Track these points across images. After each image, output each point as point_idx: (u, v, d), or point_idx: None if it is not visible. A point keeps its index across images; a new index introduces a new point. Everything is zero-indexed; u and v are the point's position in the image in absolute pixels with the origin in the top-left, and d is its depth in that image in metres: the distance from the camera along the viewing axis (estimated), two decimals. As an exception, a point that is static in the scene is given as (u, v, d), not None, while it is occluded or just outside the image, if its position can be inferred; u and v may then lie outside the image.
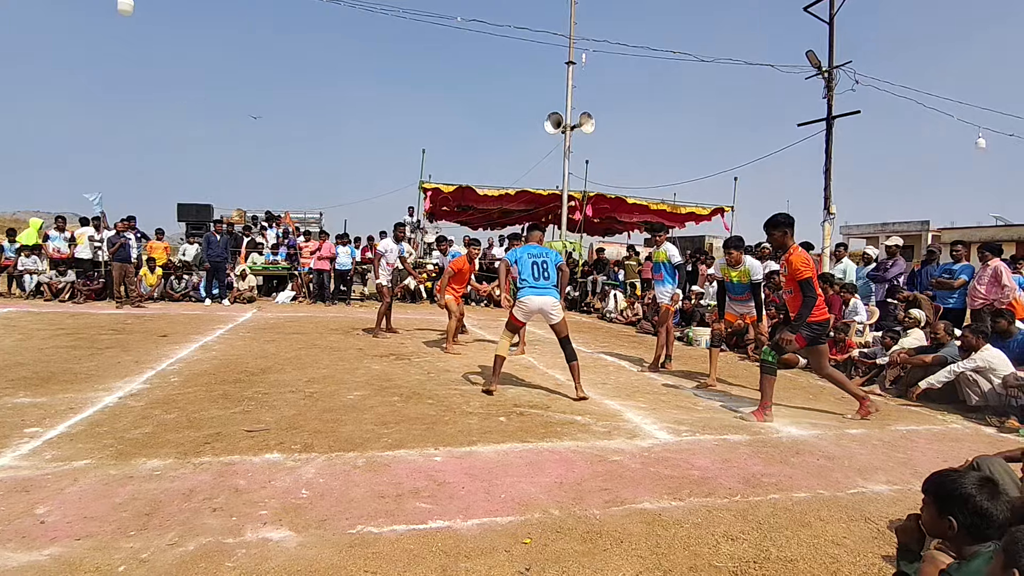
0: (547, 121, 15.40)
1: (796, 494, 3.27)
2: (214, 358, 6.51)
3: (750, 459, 3.84)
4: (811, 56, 12.92)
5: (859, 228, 37.93)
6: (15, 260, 12.83)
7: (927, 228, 34.10)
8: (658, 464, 3.66)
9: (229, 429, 3.96)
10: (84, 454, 3.40)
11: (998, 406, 5.24)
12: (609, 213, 18.02)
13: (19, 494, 2.84)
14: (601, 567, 2.38)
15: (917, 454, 4.15)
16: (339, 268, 13.99)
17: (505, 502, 2.98)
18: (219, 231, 13.47)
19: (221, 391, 5.00)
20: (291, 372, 5.88)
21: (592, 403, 5.18)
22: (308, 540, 2.50)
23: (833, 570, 2.45)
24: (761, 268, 6.67)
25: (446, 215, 19.57)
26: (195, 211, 16.49)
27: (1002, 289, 7.07)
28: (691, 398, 5.60)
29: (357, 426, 4.15)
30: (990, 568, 1.56)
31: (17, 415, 4.11)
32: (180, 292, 13.29)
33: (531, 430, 4.25)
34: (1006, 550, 1.48)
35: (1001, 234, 28.55)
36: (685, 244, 22.13)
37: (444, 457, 3.61)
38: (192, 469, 3.24)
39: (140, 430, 3.88)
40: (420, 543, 2.51)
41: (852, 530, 2.85)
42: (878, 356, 6.77)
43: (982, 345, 5.42)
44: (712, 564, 2.45)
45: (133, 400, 4.64)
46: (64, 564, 2.24)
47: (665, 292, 7.09)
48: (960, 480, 1.87)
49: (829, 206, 12.80)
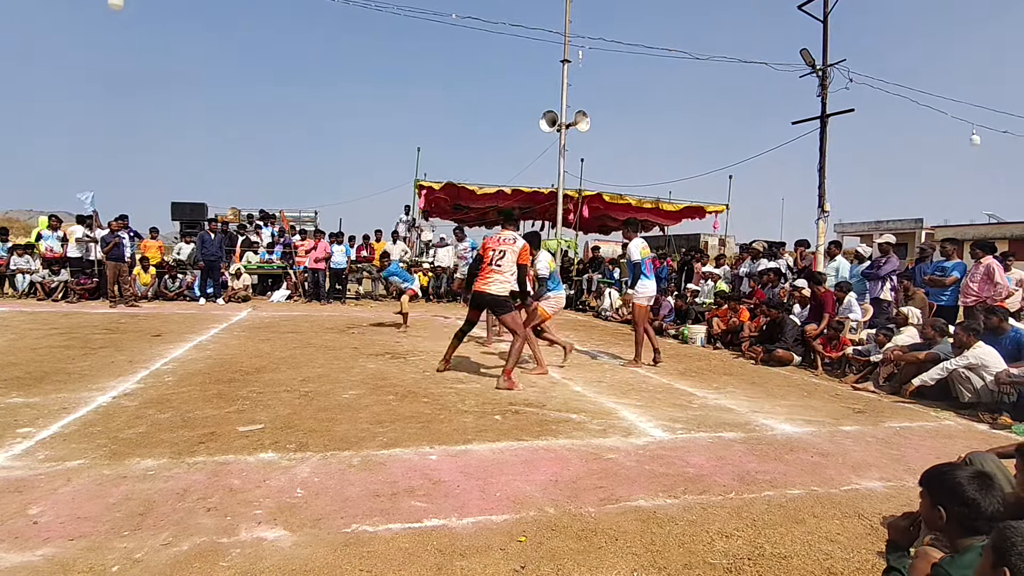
0: (542, 119, 15.38)
1: (790, 491, 3.29)
2: (208, 357, 6.49)
3: (744, 456, 3.85)
4: (805, 54, 12.95)
5: (853, 226, 38.14)
6: (7, 259, 12.75)
7: (921, 226, 34.33)
8: (653, 462, 3.67)
9: (223, 428, 3.94)
10: (77, 454, 3.38)
11: (991, 403, 5.28)
12: (603, 212, 18.03)
13: (12, 494, 2.83)
14: (596, 565, 2.39)
15: (910, 451, 4.18)
16: (334, 267, 13.96)
17: (500, 500, 2.98)
18: (213, 230, 13.41)
19: (215, 390, 4.99)
20: (286, 371, 5.87)
21: (587, 401, 5.19)
22: (303, 539, 2.50)
23: (827, 566, 2.46)
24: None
25: (441, 213, 19.54)
26: (189, 210, 16.41)
27: (994, 287, 7.11)
28: (686, 395, 5.62)
29: (352, 425, 4.14)
30: (979, 566, 1.52)
31: (10, 415, 4.08)
32: (174, 291, 13.24)
33: (526, 428, 4.25)
34: (995, 547, 1.45)
35: (994, 231, 28.75)
36: (680, 243, 22.20)
37: (439, 456, 3.61)
38: (186, 469, 3.23)
39: (134, 430, 3.86)
40: (415, 542, 2.51)
41: (846, 527, 2.86)
42: (872, 353, 6.80)
43: (974, 342, 5.45)
44: (707, 561, 2.46)
45: (127, 400, 4.62)
46: (57, 564, 2.23)
47: (635, 291, 7.10)
48: (953, 472, 1.89)
49: (823, 204, 12.82)
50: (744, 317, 9.01)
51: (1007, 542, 1.42)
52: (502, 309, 5.81)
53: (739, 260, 12.32)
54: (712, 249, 21.87)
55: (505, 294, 5.77)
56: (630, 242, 7.15)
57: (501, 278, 5.73)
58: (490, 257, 5.82)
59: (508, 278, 5.76)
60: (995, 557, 1.43)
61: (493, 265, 5.77)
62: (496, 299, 5.76)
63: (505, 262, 5.75)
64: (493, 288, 5.72)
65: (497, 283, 5.73)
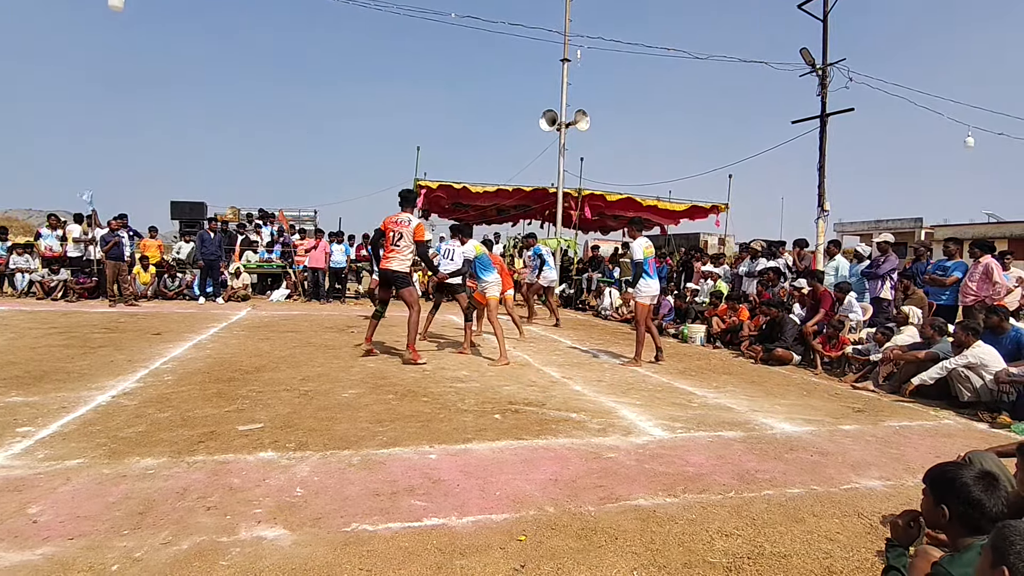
0: (542, 118, 15.39)
1: (790, 490, 3.29)
2: (208, 356, 6.49)
3: (744, 455, 3.85)
4: (805, 53, 12.95)
5: (853, 225, 38.16)
6: (7, 258, 12.74)
7: (920, 225, 34.34)
8: (653, 461, 3.67)
9: (223, 428, 3.94)
10: (77, 453, 3.38)
11: (990, 402, 5.28)
12: (603, 210, 18.02)
13: (11, 493, 2.82)
14: (596, 564, 2.39)
15: (910, 450, 4.18)
16: (334, 266, 13.96)
17: (500, 499, 2.98)
18: (213, 229, 13.41)
19: (215, 389, 4.99)
20: (285, 370, 5.87)
21: (587, 400, 5.19)
22: (303, 538, 2.50)
23: (826, 565, 2.46)
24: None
25: (441, 212, 19.54)
26: (188, 209, 16.42)
27: (993, 286, 7.12)
28: (686, 395, 5.62)
29: (352, 424, 4.14)
30: (979, 565, 1.51)
31: (9, 414, 4.08)
32: (174, 290, 13.23)
33: (526, 427, 4.25)
34: (994, 547, 1.43)
35: (993, 231, 28.76)
36: (680, 242, 22.21)
37: (439, 455, 3.61)
38: (186, 468, 3.23)
39: (133, 429, 3.86)
40: (415, 541, 2.51)
41: (845, 525, 2.86)
42: (871, 352, 6.81)
43: (974, 341, 5.45)
44: (706, 560, 2.46)
45: (126, 399, 4.62)
46: (57, 563, 2.23)
47: (636, 290, 7.11)
48: (958, 471, 1.88)
49: (823, 203, 12.83)
50: (744, 316, 9.01)
51: (1006, 541, 1.41)
52: (402, 284, 6.55)
53: (738, 259, 12.32)
54: (712, 248, 21.88)
55: (405, 270, 6.55)
56: (633, 240, 7.15)
57: (401, 256, 6.49)
58: (391, 238, 6.52)
59: (407, 256, 6.51)
60: (994, 556, 1.42)
61: (392, 245, 6.50)
62: (396, 275, 6.50)
63: (403, 243, 6.47)
64: (394, 265, 6.48)
65: (397, 260, 6.49)
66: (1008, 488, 2.30)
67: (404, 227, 6.48)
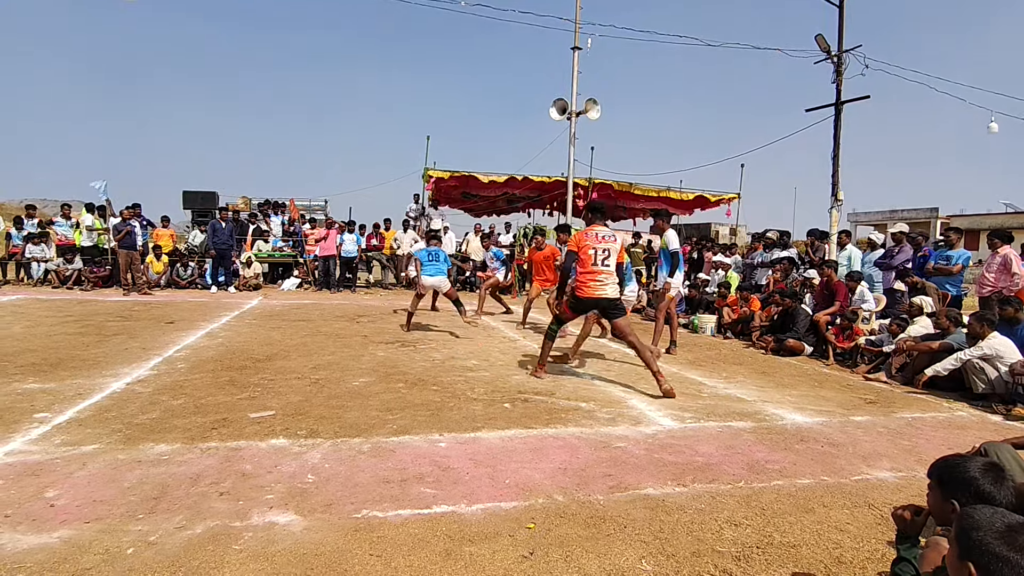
0: (552, 108, 15.27)
1: (800, 480, 3.28)
2: (220, 345, 6.55)
3: (754, 446, 3.84)
4: (820, 40, 12.75)
5: (867, 215, 37.67)
6: (23, 248, 12.91)
7: (936, 215, 33.83)
8: (662, 450, 3.67)
9: (235, 415, 3.99)
10: (93, 439, 3.44)
11: (1005, 394, 5.22)
12: (614, 200, 17.93)
13: (29, 478, 2.88)
14: (604, 552, 2.40)
15: (922, 441, 4.14)
16: (344, 255, 14.02)
17: (509, 487, 3.00)
18: (225, 218, 13.49)
19: (227, 377, 5.04)
20: (297, 359, 5.91)
21: (596, 390, 5.19)
22: (314, 524, 2.53)
23: (836, 555, 2.46)
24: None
25: (450, 202, 19.52)
26: (200, 198, 16.48)
27: (1011, 277, 7.00)
28: (696, 385, 5.60)
29: (362, 412, 4.17)
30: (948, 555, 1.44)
31: (27, 400, 4.15)
32: (186, 279, 13.35)
33: (535, 416, 4.26)
34: (958, 537, 1.37)
35: (1011, 221, 28.30)
36: (691, 232, 22.04)
37: (449, 443, 3.63)
38: (199, 454, 3.27)
39: (147, 415, 3.91)
40: (425, 528, 2.53)
41: (855, 516, 2.85)
42: (884, 343, 6.74)
43: (989, 333, 5.38)
44: (715, 549, 2.46)
45: (140, 386, 4.68)
46: (74, 546, 2.27)
47: (663, 279, 7.10)
48: (964, 464, 1.85)
49: (837, 192, 12.70)
50: (755, 307, 8.95)
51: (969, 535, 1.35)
52: (617, 313, 5.62)
53: (751, 249, 12.21)
54: (723, 239, 21.71)
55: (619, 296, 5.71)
56: (665, 232, 7.10)
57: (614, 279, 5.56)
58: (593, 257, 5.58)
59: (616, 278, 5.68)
60: (960, 550, 1.37)
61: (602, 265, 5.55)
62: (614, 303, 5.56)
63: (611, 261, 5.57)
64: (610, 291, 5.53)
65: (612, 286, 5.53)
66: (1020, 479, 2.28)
67: (611, 243, 5.54)
